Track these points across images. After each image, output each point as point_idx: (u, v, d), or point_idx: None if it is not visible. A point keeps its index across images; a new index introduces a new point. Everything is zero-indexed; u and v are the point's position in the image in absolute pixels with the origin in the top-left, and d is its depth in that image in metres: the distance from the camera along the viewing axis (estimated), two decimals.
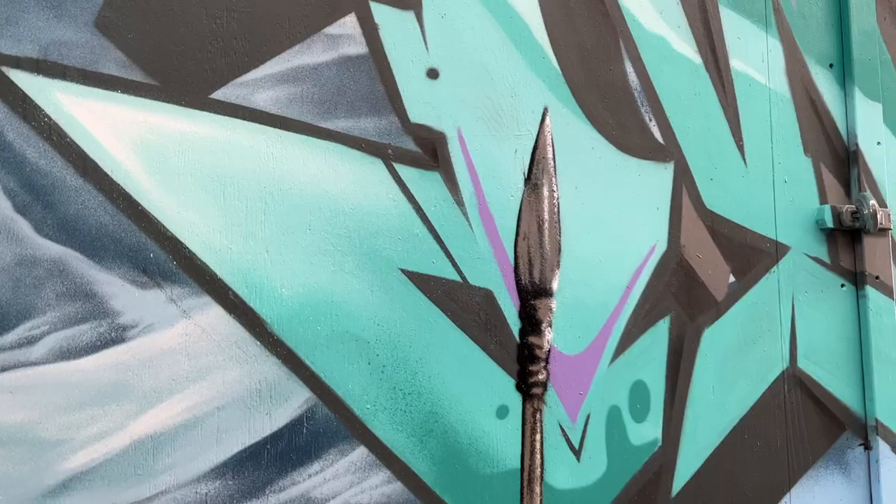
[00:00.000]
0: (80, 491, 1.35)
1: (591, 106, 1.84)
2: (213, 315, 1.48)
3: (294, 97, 1.57)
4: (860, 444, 2.02)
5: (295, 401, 1.52)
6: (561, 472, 1.72)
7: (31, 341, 1.34)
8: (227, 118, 1.52)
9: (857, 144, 2.11)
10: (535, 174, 1.77)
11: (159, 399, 1.42)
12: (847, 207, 2.06)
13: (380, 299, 1.61)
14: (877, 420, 2.01)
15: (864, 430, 2.03)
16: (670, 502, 1.80)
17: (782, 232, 2.02)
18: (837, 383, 2.02)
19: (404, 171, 1.65)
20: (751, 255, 1.98)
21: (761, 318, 1.95)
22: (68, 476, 1.35)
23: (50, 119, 1.39)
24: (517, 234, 1.74)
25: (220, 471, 1.46)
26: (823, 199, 2.09)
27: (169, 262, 1.45)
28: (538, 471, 1.70)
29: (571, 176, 1.80)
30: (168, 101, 1.47)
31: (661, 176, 1.89)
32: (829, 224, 2.04)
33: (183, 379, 1.44)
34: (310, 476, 1.53)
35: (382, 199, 1.63)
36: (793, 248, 2.03)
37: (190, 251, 1.47)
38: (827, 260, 2.06)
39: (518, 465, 1.69)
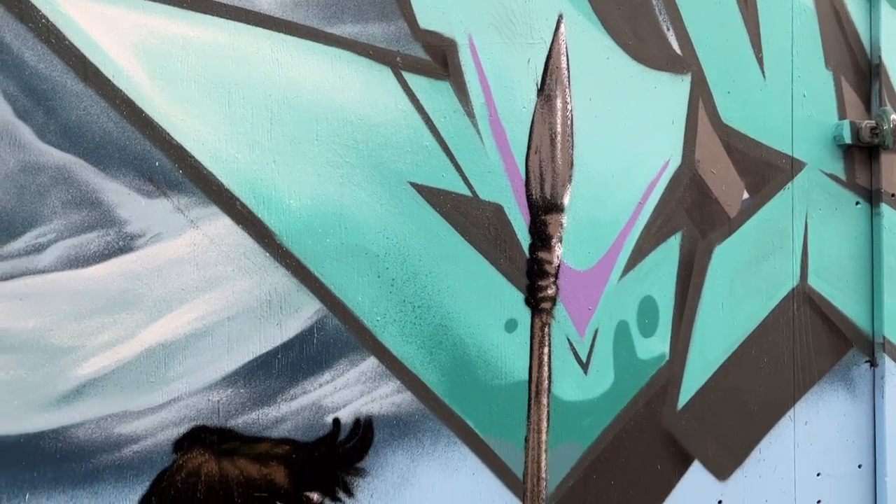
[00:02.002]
0: (94, 396, 1.37)
1: (607, 14, 1.77)
2: (221, 225, 1.46)
3: (299, 0, 1.51)
4: (866, 361, 2.03)
5: (305, 312, 1.52)
6: (568, 384, 1.73)
7: (38, 249, 1.33)
8: (230, 22, 1.46)
9: (879, 57, 2.05)
10: (549, 85, 1.72)
11: (169, 308, 1.42)
12: (866, 123, 2.01)
13: (389, 212, 1.59)
14: (884, 337, 2.02)
15: (870, 348, 2.03)
16: (675, 415, 1.83)
17: (799, 147, 1.98)
18: (846, 301, 2.02)
19: (413, 80, 1.60)
20: (766, 171, 1.94)
21: (773, 234, 1.93)
22: (81, 382, 1.36)
23: (47, 20, 1.34)
24: (529, 148, 1.70)
25: (232, 379, 1.47)
26: (842, 115, 2.03)
27: (175, 170, 1.43)
28: (546, 383, 1.71)
29: (585, 87, 1.74)
30: (169, 4, 1.42)
31: (677, 88, 1.84)
32: (847, 140, 2.00)
33: (192, 289, 1.43)
34: (321, 385, 1.54)
35: (391, 110, 1.59)
36: (808, 165, 1.99)
37: (196, 160, 1.44)
38: (843, 177, 2.03)
39: (526, 377, 1.70)
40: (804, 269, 1.96)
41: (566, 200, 1.73)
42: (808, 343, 1.95)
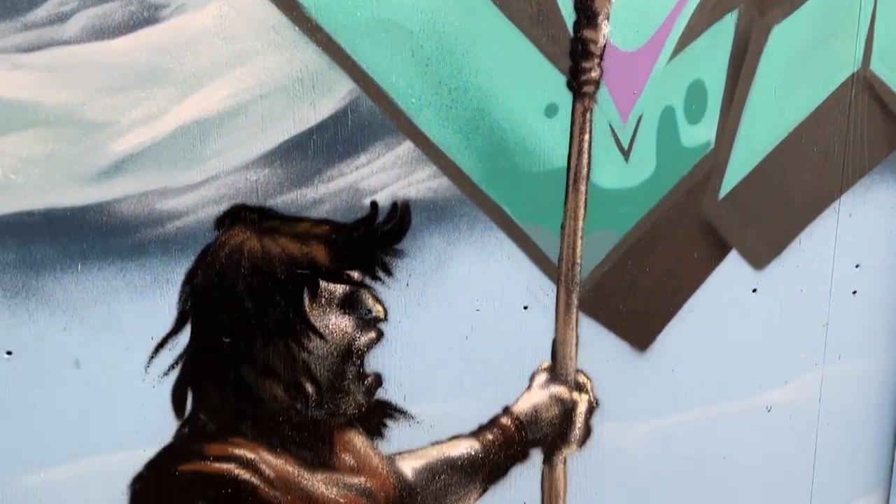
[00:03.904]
0: (133, 172, 1.38)
1: None
2: None
3: None
4: None
5: (338, 91, 1.48)
6: (608, 172, 1.70)
7: (61, 18, 1.29)
8: None
9: None
10: None
11: (200, 84, 1.39)
12: None
13: None
14: None
15: None
16: (716, 205, 1.80)
17: None
18: None
19: None
20: None
21: (838, 14, 1.78)
22: (119, 158, 1.37)
23: None
24: None
25: (269, 159, 1.47)
26: None
27: None
28: (584, 170, 1.68)
29: None
30: None
31: None
32: None
33: (222, 64, 1.39)
34: (357, 168, 1.53)
35: None
36: None
37: None
38: None
39: (564, 164, 1.66)
40: (867, 53, 1.83)
41: None
42: (863, 132, 1.86)
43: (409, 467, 1.72)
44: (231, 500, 1.58)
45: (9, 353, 1.41)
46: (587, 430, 1.84)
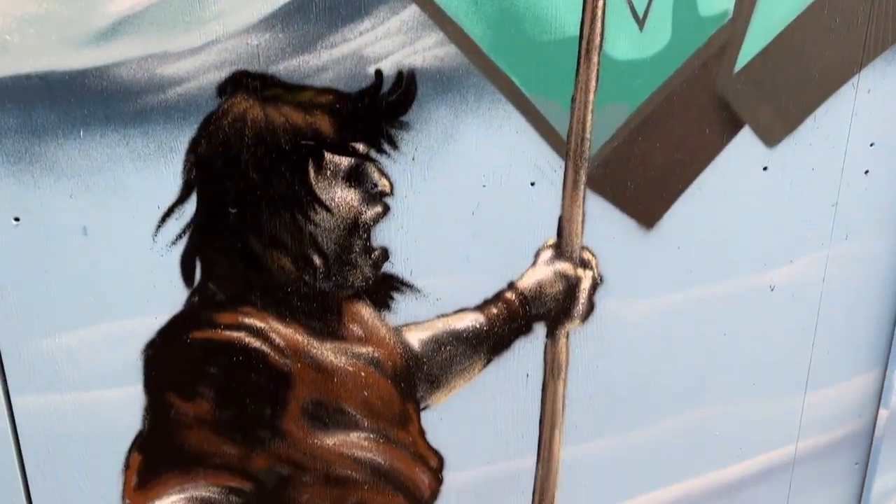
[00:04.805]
0: (131, 35, 1.34)
1: None
2: None
3: None
4: None
5: None
6: (621, 42, 1.64)
7: None
8: None
9: None
10: None
11: None
12: None
13: None
14: None
15: None
16: (731, 79, 1.75)
17: None
18: None
19: None
20: None
21: None
22: (117, 19, 1.32)
23: None
24: None
25: (269, 22, 1.42)
26: None
27: None
28: (597, 40, 1.62)
29: None
30: None
31: None
32: None
33: None
34: (361, 34, 1.48)
35: None
36: None
37: None
38: None
39: (576, 33, 1.61)
40: None
41: None
42: (889, 1, 1.78)
43: (415, 338, 1.76)
44: (242, 368, 1.63)
45: (16, 219, 1.41)
46: (590, 306, 1.86)
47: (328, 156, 1.54)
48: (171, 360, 1.59)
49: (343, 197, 1.58)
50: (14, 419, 1.54)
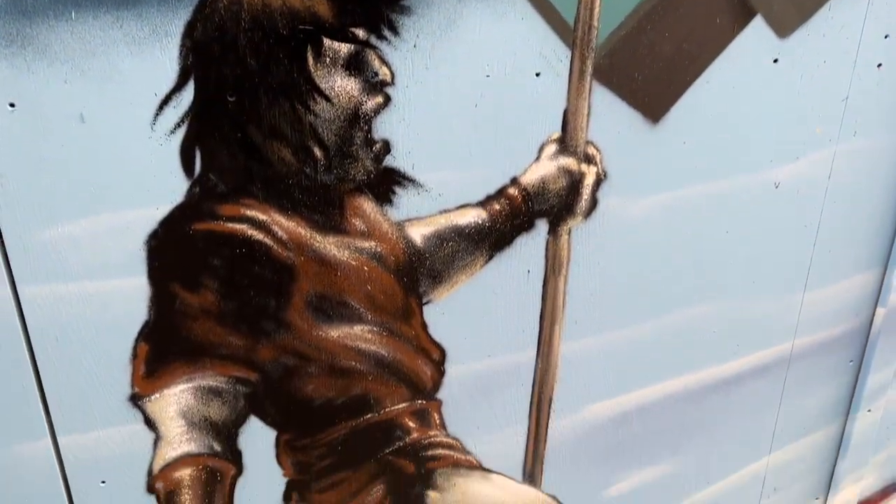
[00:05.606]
0: None
1: None
2: None
3: None
4: None
5: None
6: None
7: None
8: None
9: None
10: None
11: None
12: None
13: None
14: None
15: None
16: None
17: None
18: None
19: None
20: None
21: None
22: None
23: None
24: None
25: None
26: None
27: None
28: None
29: None
30: None
31: None
32: None
33: None
34: None
35: None
36: None
37: None
38: None
39: None
40: None
41: None
42: None
43: (417, 233, 1.76)
44: (245, 260, 1.63)
45: (11, 105, 1.39)
46: (593, 202, 1.85)
47: (327, 42, 1.50)
48: (173, 251, 1.60)
49: (343, 86, 1.55)
50: (21, 307, 1.56)
